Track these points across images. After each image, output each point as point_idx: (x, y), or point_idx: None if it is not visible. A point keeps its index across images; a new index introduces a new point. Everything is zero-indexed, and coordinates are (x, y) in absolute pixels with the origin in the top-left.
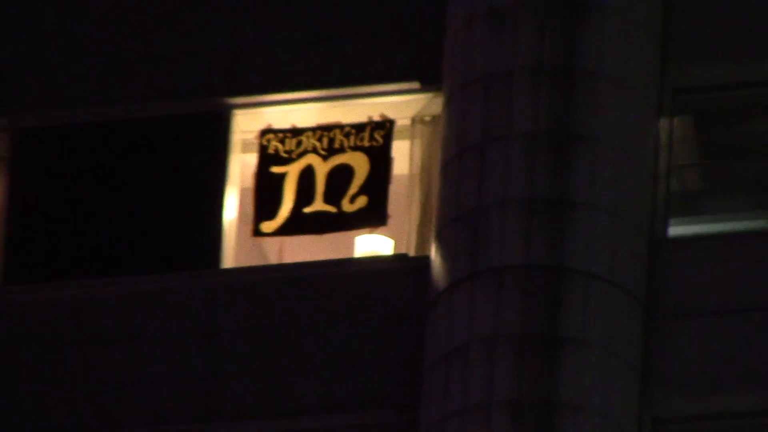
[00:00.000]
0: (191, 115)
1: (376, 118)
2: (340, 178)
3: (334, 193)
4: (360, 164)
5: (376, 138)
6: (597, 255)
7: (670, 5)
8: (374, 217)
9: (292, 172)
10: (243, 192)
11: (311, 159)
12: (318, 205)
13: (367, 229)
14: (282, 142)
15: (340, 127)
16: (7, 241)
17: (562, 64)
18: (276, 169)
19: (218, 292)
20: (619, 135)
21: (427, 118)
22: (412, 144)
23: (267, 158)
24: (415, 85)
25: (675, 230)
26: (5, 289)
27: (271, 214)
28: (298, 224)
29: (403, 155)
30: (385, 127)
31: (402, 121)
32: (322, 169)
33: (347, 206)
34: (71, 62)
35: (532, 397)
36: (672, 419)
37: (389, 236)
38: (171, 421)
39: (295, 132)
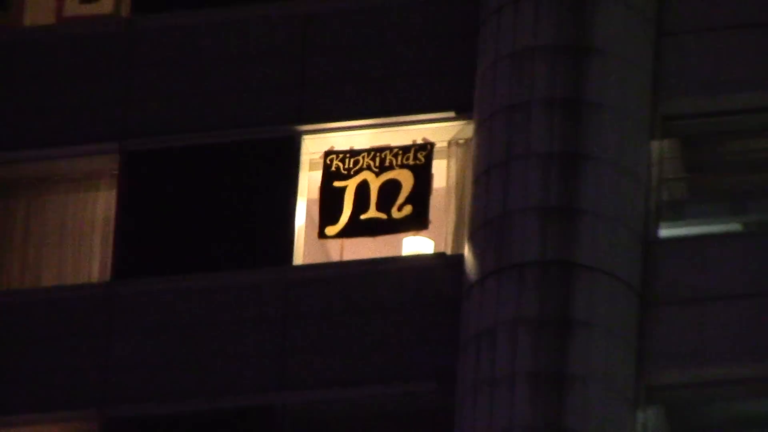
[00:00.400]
0: (269, 139)
1: (419, 141)
2: (389, 190)
3: (384, 203)
4: (406, 179)
5: (419, 157)
6: (600, 253)
7: (659, 48)
8: (418, 222)
9: (350, 186)
10: (310, 202)
11: (366, 175)
12: (372, 212)
13: (412, 232)
14: (342, 161)
15: (389, 149)
16: (117, 243)
17: (571, 97)
18: (337, 184)
19: (291, 284)
20: (618, 155)
21: (461, 141)
22: (448, 162)
23: (330, 175)
24: (451, 114)
25: (664, 232)
26: (115, 282)
27: (334, 220)
28: (355, 228)
29: (441, 172)
30: (426, 149)
31: (440, 143)
32: (375, 184)
33: (396, 213)
34: (171, 95)
35: (547, 369)
36: (663, 387)
37: (430, 238)
38: (250, 392)
39: (353, 153)
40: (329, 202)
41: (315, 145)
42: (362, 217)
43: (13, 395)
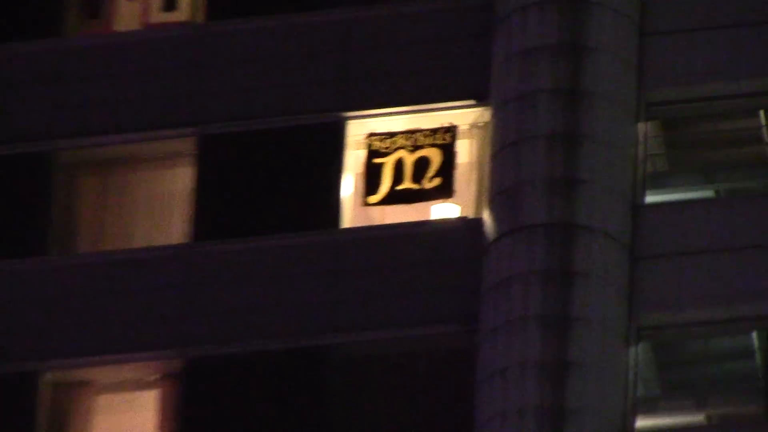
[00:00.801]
0: (320, 124)
1: (446, 124)
2: (421, 165)
3: (417, 176)
4: (435, 156)
5: (446, 138)
6: (596, 216)
7: (642, 46)
8: (445, 191)
9: (388, 162)
10: (356, 176)
11: (401, 153)
12: (406, 184)
13: (440, 200)
14: (381, 141)
15: (421, 131)
16: (195, 212)
17: (570, 88)
18: (377, 160)
19: (339, 244)
20: (610, 135)
21: (480, 124)
22: (470, 142)
23: (371, 153)
24: (472, 102)
25: (649, 198)
26: (195, 243)
27: (375, 191)
28: (393, 197)
29: (464, 150)
30: (451, 131)
31: (463, 126)
32: (409, 160)
33: (426, 184)
34: (239, 88)
35: (554, 313)
36: (650, 327)
37: (456, 204)
38: (309, 334)
39: (390, 135)
40: (371, 176)
41: (358, 129)
42: (398, 187)
43: (107, 338)
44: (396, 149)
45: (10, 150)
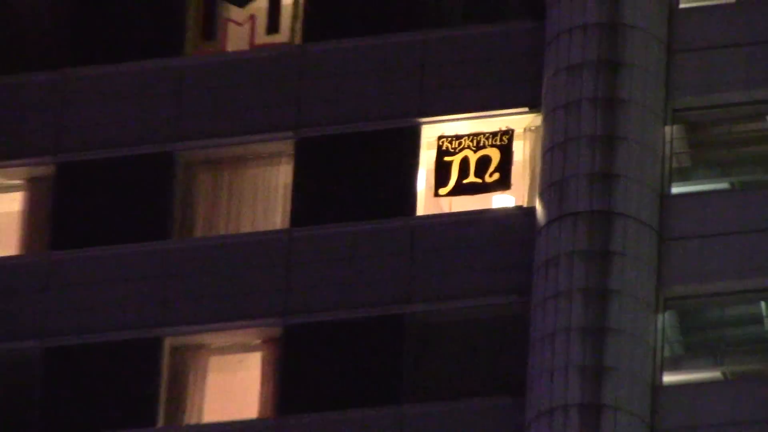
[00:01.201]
0: (399, 128)
1: (503, 128)
2: (483, 163)
3: (480, 171)
4: (495, 155)
5: (504, 139)
6: (630, 204)
7: (669, 61)
8: (503, 184)
9: (456, 160)
10: (428, 172)
11: (467, 152)
12: (471, 178)
13: (499, 192)
14: (450, 143)
15: (483, 134)
16: (294, 202)
17: (608, 97)
18: (447, 158)
19: (415, 228)
20: (642, 135)
21: (533, 128)
22: (524, 143)
23: (441, 152)
24: (525, 109)
25: (675, 190)
26: (293, 229)
27: (445, 184)
28: (459, 189)
29: (519, 149)
30: (509, 133)
31: (518, 130)
32: (473, 158)
33: (488, 178)
34: (332, 98)
35: (594, 286)
36: (675, 297)
37: (512, 195)
38: (388, 304)
39: (457, 137)
40: (441, 172)
41: (431, 132)
42: (464, 181)
43: (219, 308)
44: (462, 149)
45: (140, 151)
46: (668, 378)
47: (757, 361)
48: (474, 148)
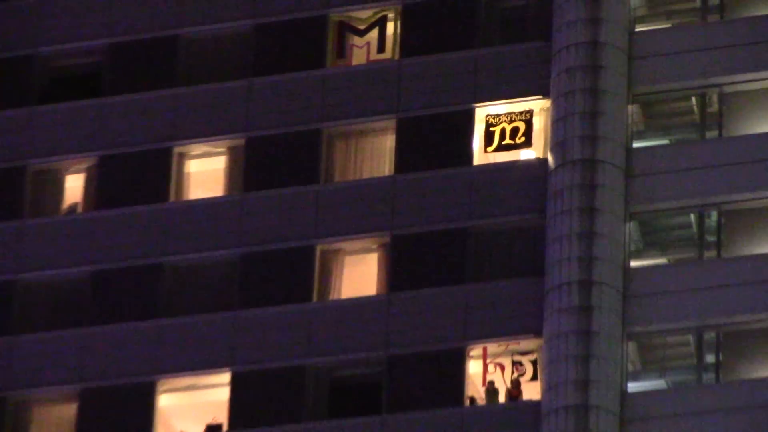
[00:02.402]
0: (461, 110)
1: (527, 109)
2: (514, 131)
3: (512, 136)
4: (521, 126)
5: (527, 116)
6: (607, 154)
7: (630, 65)
8: (527, 144)
9: (497, 129)
10: (480, 137)
11: (504, 124)
12: (507, 140)
13: (525, 149)
14: (493, 119)
15: (514, 113)
16: (396, 156)
17: (592, 88)
18: (491, 129)
19: (473, 173)
20: (614, 112)
21: (545, 109)
22: (540, 118)
23: (488, 125)
24: (540, 97)
25: (635, 145)
26: (396, 175)
27: (490, 144)
28: (500, 148)
29: (537, 122)
30: (530, 112)
31: (536, 110)
32: (508, 128)
33: (517, 141)
34: (415, 96)
35: (585, 204)
36: (638, 211)
37: (533, 151)
38: (447, 220)
39: (498, 115)
40: (487, 137)
41: (481, 112)
42: (503, 142)
43: (349, 224)
44: (501, 123)
45: (298, 129)
46: (634, 263)
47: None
48: (508, 122)
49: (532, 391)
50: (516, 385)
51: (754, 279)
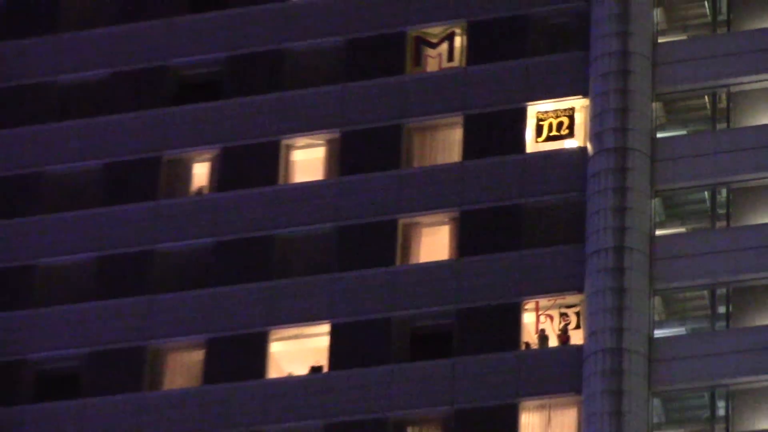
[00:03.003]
0: (515, 108)
1: (570, 106)
2: (560, 124)
3: (558, 129)
4: (566, 120)
5: (570, 112)
6: (636, 143)
7: (654, 71)
8: (571, 135)
9: (545, 123)
10: (531, 130)
11: (551, 119)
12: (554, 132)
13: (569, 139)
14: (542, 114)
15: (559, 109)
16: (464, 143)
17: (622, 89)
18: (540, 123)
19: (526, 159)
20: (641, 109)
21: (585, 106)
22: (580, 114)
23: (538, 120)
24: (580, 96)
25: (659, 135)
26: (464, 162)
27: (540, 135)
28: (549, 138)
29: (579, 117)
30: (572, 109)
31: (577, 107)
32: (554, 122)
33: (562, 132)
34: (479, 96)
35: (619, 185)
36: (662, 188)
37: (575, 140)
38: (495, 197)
39: (546, 111)
40: (538, 129)
41: (532, 109)
42: (550, 134)
43: (426, 200)
44: (548, 118)
45: (380, 124)
46: (658, 232)
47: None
48: (554, 117)
49: (576, 338)
50: (563, 332)
51: (758, 244)
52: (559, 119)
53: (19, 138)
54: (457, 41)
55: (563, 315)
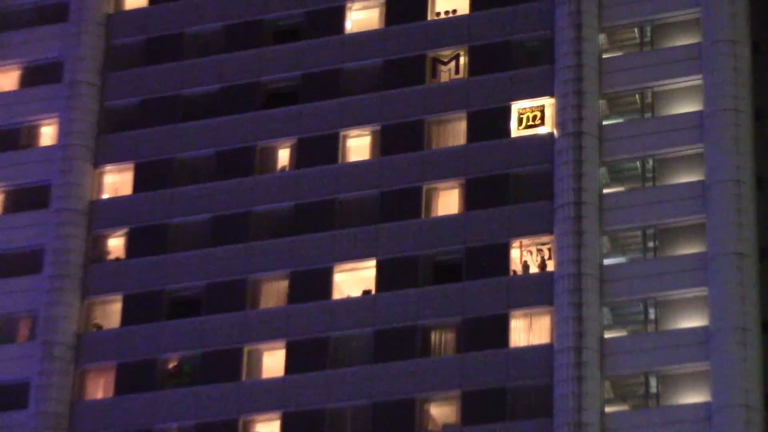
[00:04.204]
0: (501, 107)
1: (541, 105)
2: (534, 117)
3: (533, 120)
4: (538, 114)
5: (542, 108)
6: (588, 129)
7: (601, 72)
8: (543, 124)
9: (524, 116)
10: (515, 121)
11: (528, 113)
12: (529, 123)
13: (541, 126)
14: (521, 111)
15: (534, 107)
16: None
17: (579, 91)
18: (521, 115)
19: (512, 141)
20: (592, 105)
21: (552, 104)
22: (549, 110)
23: (519, 114)
24: (549, 96)
25: (605, 123)
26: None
27: (521, 125)
28: (526, 127)
29: (548, 111)
30: (543, 106)
31: (547, 105)
32: (530, 115)
33: (536, 123)
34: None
35: (576, 158)
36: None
37: (546, 127)
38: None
39: (524, 107)
40: (519, 121)
41: (515, 107)
42: (528, 124)
43: None
44: (526, 112)
45: (409, 119)
46: (605, 191)
47: None
48: (530, 112)
49: (549, 266)
50: (541, 262)
51: (675, 198)
52: (533, 113)
53: (157, 132)
54: (462, 60)
55: (539, 250)
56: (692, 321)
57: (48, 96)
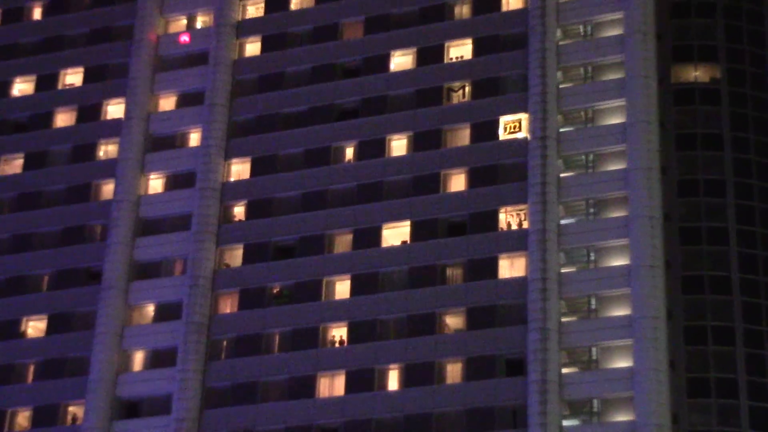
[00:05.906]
0: (492, 120)
1: (518, 118)
2: (514, 127)
3: (513, 129)
4: (517, 126)
5: (521, 121)
6: (550, 134)
7: (559, 95)
8: (520, 131)
9: (508, 126)
10: (502, 130)
11: (511, 124)
12: (511, 131)
13: (518, 132)
14: (506, 123)
15: (514, 120)
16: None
17: (544, 109)
18: (505, 124)
19: (500, 144)
20: (552, 119)
21: (527, 118)
22: (527, 123)
23: (504, 125)
24: (524, 112)
25: (561, 130)
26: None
27: (506, 131)
28: (509, 133)
29: (524, 123)
30: (520, 120)
31: (523, 118)
32: (510, 125)
33: (516, 130)
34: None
35: (547, 156)
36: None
37: (524, 134)
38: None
39: (507, 120)
40: (504, 129)
41: (503, 120)
42: (509, 131)
43: None
44: (510, 123)
45: (432, 128)
46: (562, 175)
47: None
48: (512, 123)
49: (525, 225)
50: (519, 223)
51: (610, 178)
52: (514, 124)
53: (266, 137)
54: (467, 89)
55: (518, 214)
56: (619, 261)
57: (194, 114)
